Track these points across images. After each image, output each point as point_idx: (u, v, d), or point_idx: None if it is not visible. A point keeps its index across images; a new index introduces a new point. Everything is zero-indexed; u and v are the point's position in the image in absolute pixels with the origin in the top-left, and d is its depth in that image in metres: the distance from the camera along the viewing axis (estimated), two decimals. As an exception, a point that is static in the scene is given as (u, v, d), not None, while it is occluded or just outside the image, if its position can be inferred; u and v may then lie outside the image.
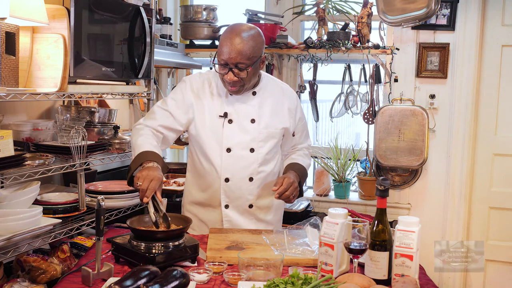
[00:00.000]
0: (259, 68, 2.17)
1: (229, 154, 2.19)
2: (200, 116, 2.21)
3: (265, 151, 2.23)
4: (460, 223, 3.36)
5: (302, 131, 2.40)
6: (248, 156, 2.20)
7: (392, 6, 3.10)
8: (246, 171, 2.21)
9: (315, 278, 1.54)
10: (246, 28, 2.09)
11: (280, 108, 2.27)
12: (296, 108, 2.33)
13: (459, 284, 3.39)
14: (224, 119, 2.19)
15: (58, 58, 2.05)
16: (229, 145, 2.19)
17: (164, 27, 3.48)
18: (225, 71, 2.08)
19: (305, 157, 2.39)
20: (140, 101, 3.61)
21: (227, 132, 2.19)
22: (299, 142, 2.40)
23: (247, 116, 2.21)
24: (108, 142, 2.48)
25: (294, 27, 3.78)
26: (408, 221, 1.68)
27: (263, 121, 2.22)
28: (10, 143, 1.91)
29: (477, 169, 3.37)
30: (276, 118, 2.25)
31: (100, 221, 1.67)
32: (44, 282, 2.09)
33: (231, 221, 2.25)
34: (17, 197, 1.99)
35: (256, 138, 2.21)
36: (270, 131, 2.23)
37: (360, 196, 3.51)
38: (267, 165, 2.25)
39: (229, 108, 2.20)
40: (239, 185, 2.21)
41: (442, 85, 3.32)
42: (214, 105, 2.20)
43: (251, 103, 2.22)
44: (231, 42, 2.03)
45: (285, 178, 2.14)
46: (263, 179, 2.24)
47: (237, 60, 2.03)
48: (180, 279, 1.55)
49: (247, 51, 2.03)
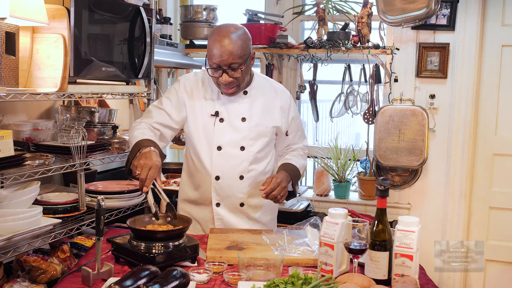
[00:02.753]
0: (250, 65, 2.19)
1: (219, 152, 2.21)
2: (192, 115, 2.24)
3: (255, 150, 2.24)
4: (460, 223, 3.36)
5: (297, 131, 2.40)
6: (238, 154, 2.22)
7: (392, 6, 3.10)
8: (236, 169, 2.22)
9: (315, 278, 1.55)
10: (232, 29, 2.11)
11: (271, 107, 2.28)
12: (289, 107, 2.33)
13: (459, 284, 3.39)
14: (215, 118, 2.22)
15: (58, 58, 2.05)
16: (219, 143, 2.21)
17: (164, 27, 3.48)
18: (218, 74, 2.10)
19: (299, 158, 2.38)
20: (140, 101, 3.61)
21: (218, 131, 2.21)
22: (293, 142, 2.40)
23: (238, 115, 2.23)
24: (108, 142, 2.48)
25: (294, 27, 3.78)
26: (408, 221, 1.69)
27: (253, 120, 2.24)
28: (10, 143, 1.91)
29: (477, 169, 3.37)
30: (267, 116, 2.26)
31: (100, 221, 1.67)
32: (44, 282, 2.09)
33: (222, 219, 2.26)
34: (17, 197, 1.99)
35: (246, 137, 2.22)
36: (261, 130, 2.24)
37: (360, 196, 3.51)
38: (258, 163, 2.26)
39: (220, 107, 2.22)
40: (230, 183, 2.22)
41: (442, 85, 3.32)
42: (206, 104, 2.23)
43: (242, 102, 2.24)
44: (220, 44, 2.05)
45: (273, 177, 2.15)
46: (254, 178, 2.25)
47: (229, 61, 2.06)
48: (180, 279, 1.55)
49: (238, 51, 2.06)
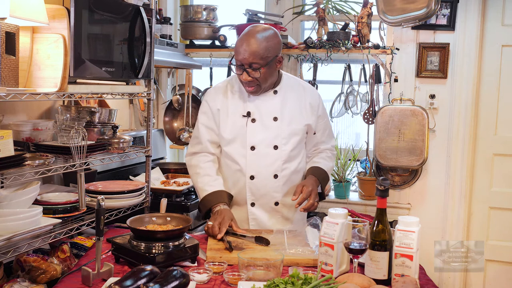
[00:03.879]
0: (276, 68, 2.21)
1: (253, 152, 2.23)
2: (224, 119, 2.27)
3: (289, 148, 2.26)
4: (460, 223, 3.36)
5: (324, 130, 2.41)
6: (272, 154, 2.24)
7: (392, 6, 3.10)
8: (270, 168, 2.24)
9: (315, 278, 1.55)
10: (261, 29, 2.14)
11: (302, 105, 2.31)
12: (318, 105, 2.35)
13: (459, 284, 3.38)
14: (247, 118, 2.25)
15: (58, 58, 2.05)
16: (253, 143, 2.24)
17: (164, 27, 3.48)
18: (240, 71, 2.14)
19: (328, 160, 2.40)
20: (140, 101, 3.61)
21: (250, 131, 2.24)
22: (321, 140, 2.41)
23: (270, 114, 2.25)
24: (108, 142, 2.48)
25: (294, 27, 3.77)
26: (408, 221, 1.69)
27: (285, 119, 2.26)
28: (10, 143, 1.91)
29: (477, 169, 3.37)
30: (298, 115, 2.29)
31: (100, 221, 1.67)
32: (44, 282, 2.08)
33: (257, 219, 2.28)
34: (17, 197, 1.99)
35: (279, 136, 2.25)
36: (293, 128, 2.27)
37: (360, 196, 3.51)
38: (292, 162, 2.28)
39: (252, 107, 2.26)
40: (264, 182, 2.24)
41: (442, 85, 3.32)
42: (237, 106, 2.27)
43: (273, 101, 2.26)
44: (245, 43, 2.09)
45: (304, 186, 2.17)
46: (288, 176, 2.27)
47: (250, 60, 2.09)
48: (180, 279, 1.55)
49: (260, 52, 2.08)
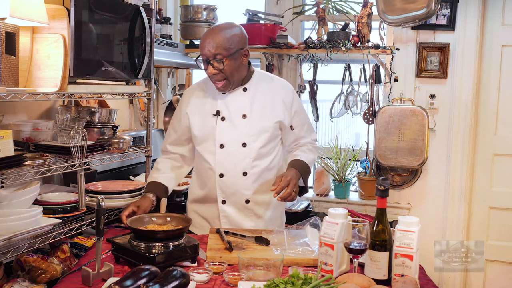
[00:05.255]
0: (242, 62, 2.21)
1: (222, 150, 2.24)
2: (195, 120, 2.30)
3: (258, 146, 2.25)
4: (460, 223, 3.36)
5: (303, 125, 2.39)
6: (240, 151, 2.24)
7: (392, 6, 3.10)
8: (239, 166, 2.24)
9: (315, 278, 1.54)
10: (225, 25, 2.20)
11: (273, 102, 2.29)
12: (292, 101, 2.33)
13: (459, 284, 3.38)
14: (217, 117, 2.26)
15: (58, 58, 2.05)
16: (222, 141, 2.25)
17: (164, 27, 3.48)
18: (206, 66, 2.18)
19: (308, 152, 2.37)
20: (140, 101, 3.61)
21: (220, 129, 2.25)
22: (301, 135, 2.39)
23: (239, 112, 2.26)
24: (108, 142, 2.48)
25: (294, 27, 3.77)
26: (408, 221, 1.69)
27: (254, 116, 2.26)
28: (10, 143, 1.91)
29: (477, 169, 3.37)
30: (269, 112, 2.28)
31: (100, 221, 1.67)
32: (44, 282, 2.09)
33: (228, 217, 2.27)
34: (17, 197, 1.99)
35: (248, 133, 2.25)
36: (263, 125, 2.26)
37: (360, 196, 3.51)
38: (263, 159, 2.27)
39: (221, 106, 2.27)
40: (233, 180, 2.25)
41: (442, 85, 3.32)
42: (207, 105, 2.30)
43: (242, 98, 2.27)
44: (209, 37, 2.14)
45: (283, 176, 2.14)
46: (258, 174, 2.26)
47: (213, 51, 2.12)
48: (180, 279, 1.55)
49: (223, 43, 2.12)
